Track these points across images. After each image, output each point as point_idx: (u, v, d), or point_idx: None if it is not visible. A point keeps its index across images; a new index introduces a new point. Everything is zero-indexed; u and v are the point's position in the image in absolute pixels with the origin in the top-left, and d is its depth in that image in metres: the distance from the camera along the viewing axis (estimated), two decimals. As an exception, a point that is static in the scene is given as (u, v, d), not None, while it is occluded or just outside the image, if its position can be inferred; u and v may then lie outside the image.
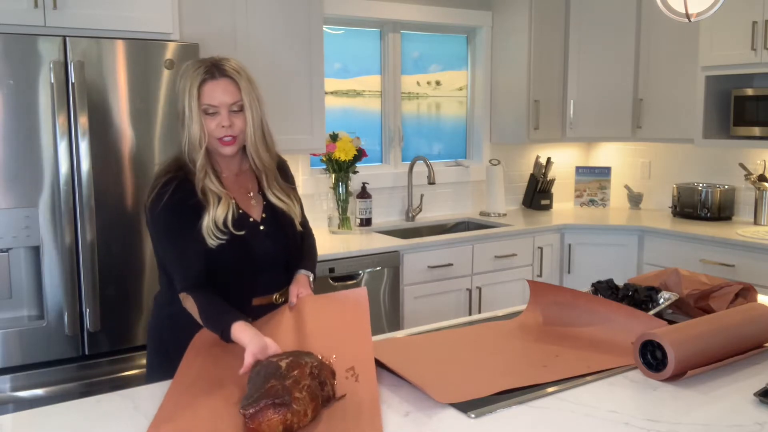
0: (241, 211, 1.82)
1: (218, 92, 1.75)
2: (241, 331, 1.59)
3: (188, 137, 1.76)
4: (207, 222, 1.74)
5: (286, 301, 1.87)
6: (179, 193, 1.75)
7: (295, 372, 1.35)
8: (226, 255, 1.76)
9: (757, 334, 1.73)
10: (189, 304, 1.73)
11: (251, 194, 1.88)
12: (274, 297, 1.86)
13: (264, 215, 1.87)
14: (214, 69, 1.76)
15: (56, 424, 1.38)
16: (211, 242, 1.74)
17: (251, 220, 1.84)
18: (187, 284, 1.74)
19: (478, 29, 4.40)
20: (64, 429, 1.36)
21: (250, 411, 1.25)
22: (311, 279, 1.93)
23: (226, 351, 1.62)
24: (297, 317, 1.78)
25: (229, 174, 1.87)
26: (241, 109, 1.78)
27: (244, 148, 1.86)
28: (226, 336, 1.61)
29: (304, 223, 2.02)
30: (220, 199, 1.77)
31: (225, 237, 1.75)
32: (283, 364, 1.38)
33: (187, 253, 1.74)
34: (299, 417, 1.28)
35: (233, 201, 1.81)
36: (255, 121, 1.81)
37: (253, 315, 1.78)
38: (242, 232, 1.78)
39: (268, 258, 1.85)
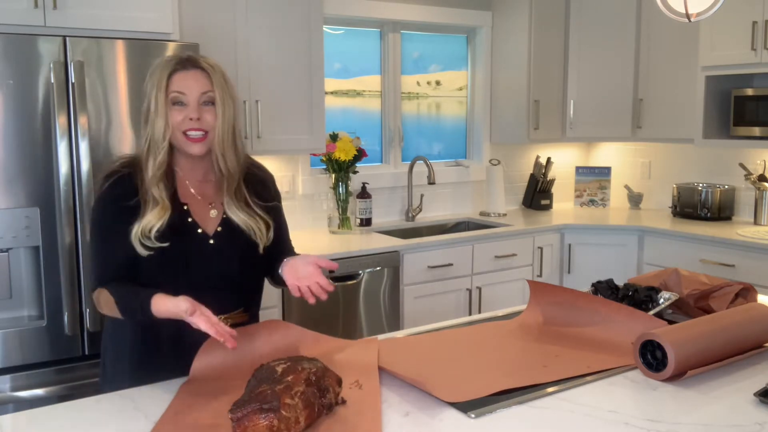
0: (190, 220, 1.68)
1: (189, 80, 1.63)
2: (161, 301, 1.51)
3: (151, 133, 1.63)
4: (136, 228, 1.61)
5: (233, 325, 1.66)
6: (119, 189, 1.64)
7: (290, 377, 1.32)
8: (160, 267, 1.63)
9: (757, 334, 1.73)
10: (104, 298, 1.62)
11: (212, 205, 1.72)
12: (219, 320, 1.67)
13: (219, 229, 1.71)
14: (186, 61, 1.66)
15: (56, 424, 1.38)
16: (140, 250, 1.61)
17: (199, 231, 1.69)
18: (102, 279, 1.63)
19: (478, 29, 4.40)
20: (64, 429, 1.36)
21: (237, 415, 1.24)
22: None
23: (235, 357, 1.61)
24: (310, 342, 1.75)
25: (192, 180, 1.72)
26: (212, 102, 1.64)
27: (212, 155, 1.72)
28: (146, 311, 1.52)
29: (284, 238, 1.86)
30: (156, 205, 1.62)
31: (155, 246, 1.61)
32: (279, 368, 1.36)
33: (109, 250, 1.64)
34: (288, 423, 1.25)
35: (185, 209, 1.68)
36: (226, 119, 1.66)
37: (195, 335, 1.61)
38: (166, 244, 1.62)
39: (213, 276, 1.69)
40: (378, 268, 3.35)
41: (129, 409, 1.44)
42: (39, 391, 2.44)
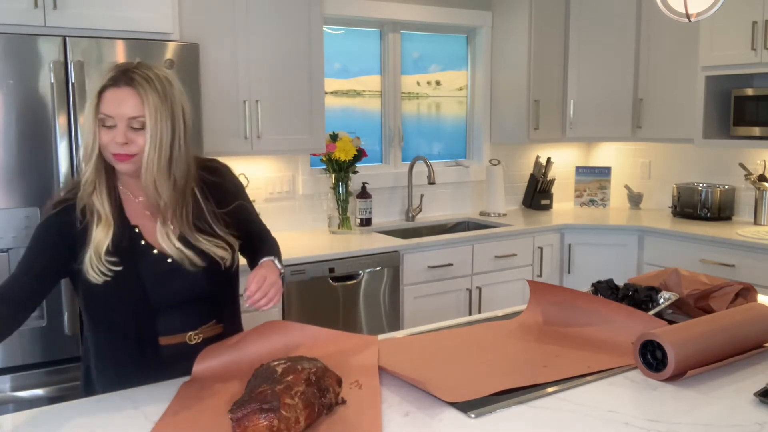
0: (143, 243, 1.59)
1: (116, 102, 1.50)
2: None
3: (83, 148, 1.54)
4: (89, 254, 1.52)
5: (203, 341, 1.62)
6: (65, 216, 1.56)
7: (290, 377, 1.32)
8: (116, 293, 1.55)
9: (757, 334, 1.73)
10: None
11: (166, 221, 1.60)
12: (188, 336, 1.63)
13: (177, 244, 1.60)
14: (120, 76, 1.51)
15: (56, 424, 1.38)
16: (95, 277, 1.52)
17: (155, 252, 1.59)
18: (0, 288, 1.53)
19: (478, 29, 4.40)
20: (63, 429, 1.36)
21: (237, 415, 1.24)
22: (278, 264, 1.67)
23: (235, 357, 1.61)
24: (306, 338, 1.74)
25: (145, 198, 1.60)
26: (143, 127, 1.51)
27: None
28: None
29: (257, 231, 1.78)
30: (100, 220, 1.54)
31: (109, 271, 1.52)
32: (279, 368, 1.36)
33: (23, 269, 1.55)
34: (288, 423, 1.25)
35: (137, 232, 1.59)
36: (157, 145, 1.51)
37: (164, 354, 1.59)
38: (119, 268, 1.53)
39: (177, 295, 1.61)
40: (378, 268, 3.35)
41: (129, 409, 1.44)
42: (39, 391, 2.44)
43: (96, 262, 1.52)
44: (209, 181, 1.68)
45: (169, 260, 1.61)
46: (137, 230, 1.60)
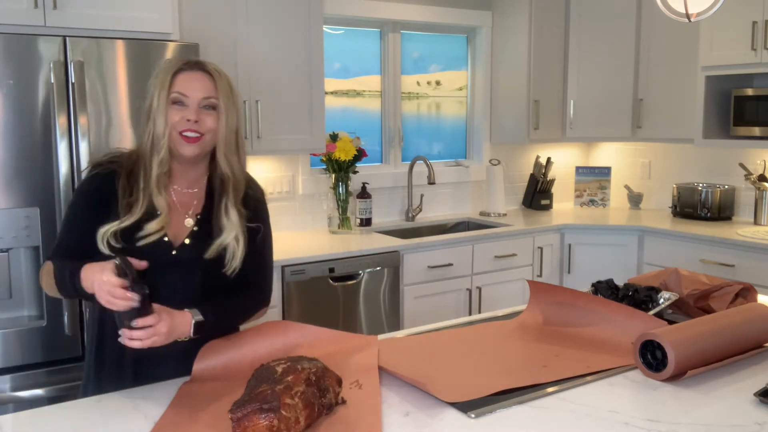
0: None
1: (192, 82, 1.59)
2: (89, 270, 1.45)
3: (152, 130, 1.58)
4: (114, 227, 1.56)
5: (189, 341, 1.57)
6: (97, 183, 1.61)
7: (290, 377, 1.32)
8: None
9: (757, 334, 1.73)
10: (46, 270, 1.57)
11: (189, 212, 1.67)
12: (181, 334, 1.58)
13: (187, 241, 1.64)
14: (193, 63, 1.62)
15: (56, 424, 1.38)
16: (103, 249, 1.56)
17: (165, 240, 1.62)
18: (54, 255, 1.60)
19: (478, 29, 4.40)
20: (64, 429, 1.36)
21: (237, 415, 1.24)
22: (195, 324, 1.53)
23: (235, 357, 1.61)
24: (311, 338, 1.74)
25: (180, 187, 1.68)
26: (215, 109, 1.60)
27: (206, 164, 1.69)
28: (75, 281, 1.46)
29: (252, 267, 1.71)
30: (155, 215, 1.59)
31: (118, 247, 1.55)
32: (279, 368, 1.36)
33: (70, 232, 1.61)
34: (288, 423, 1.25)
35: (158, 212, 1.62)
36: (229, 126, 1.62)
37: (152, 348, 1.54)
38: (123, 245, 1.56)
39: (173, 288, 1.60)
40: (378, 268, 3.35)
41: (129, 409, 1.44)
42: (39, 391, 2.44)
43: (110, 236, 1.56)
44: (251, 193, 1.74)
45: (174, 252, 1.62)
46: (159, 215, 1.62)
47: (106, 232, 1.56)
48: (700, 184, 4.12)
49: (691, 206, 4.09)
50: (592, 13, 4.24)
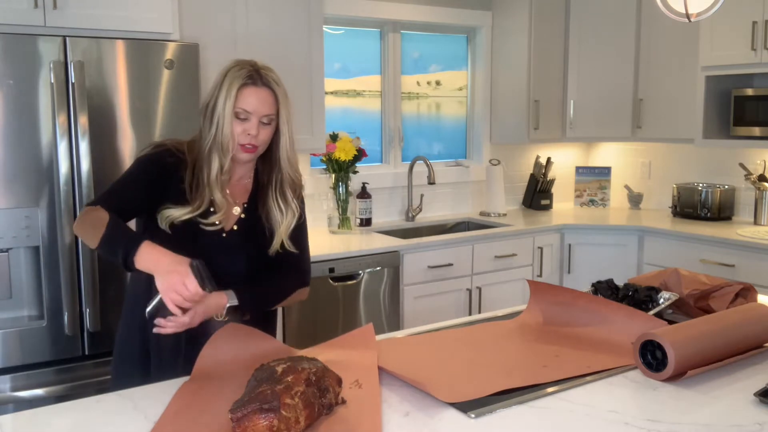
0: (212, 210, 1.77)
1: (256, 100, 1.72)
2: (153, 249, 1.57)
3: (217, 136, 1.72)
4: (179, 212, 1.71)
5: (229, 320, 1.70)
6: (168, 159, 1.75)
7: (290, 377, 1.32)
8: (171, 243, 1.64)
9: (757, 334, 1.73)
10: (95, 215, 1.63)
11: (237, 201, 1.83)
12: (215, 314, 1.71)
13: (235, 227, 1.81)
14: (257, 75, 1.74)
15: (56, 424, 1.38)
16: (163, 225, 1.71)
17: (217, 223, 1.77)
18: (105, 203, 1.68)
19: (478, 29, 4.40)
20: (64, 429, 1.36)
21: (237, 415, 1.24)
22: (228, 306, 1.70)
23: (235, 357, 1.61)
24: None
25: (231, 180, 1.84)
26: (270, 122, 1.76)
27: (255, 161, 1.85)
28: (130, 250, 1.56)
29: (290, 250, 1.87)
30: (216, 209, 1.74)
31: (177, 225, 1.71)
32: (279, 368, 1.36)
33: (127, 190, 1.73)
34: (288, 423, 1.25)
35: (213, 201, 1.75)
36: (290, 134, 1.80)
37: (196, 329, 1.66)
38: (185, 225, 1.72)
39: (219, 271, 1.67)
40: (378, 268, 3.35)
41: (129, 409, 1.44)
42: (39, 391, 2.44)
43: (176, 221, 1.71)
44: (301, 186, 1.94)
45: (224, 235, 1.78)
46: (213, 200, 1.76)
47: (170, 215, 1.71)
48: (700, 184, 4.12)
49: (691, 206, 4.09)
50: (592, 13, 4.24)
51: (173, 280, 1.52)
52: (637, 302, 2.00)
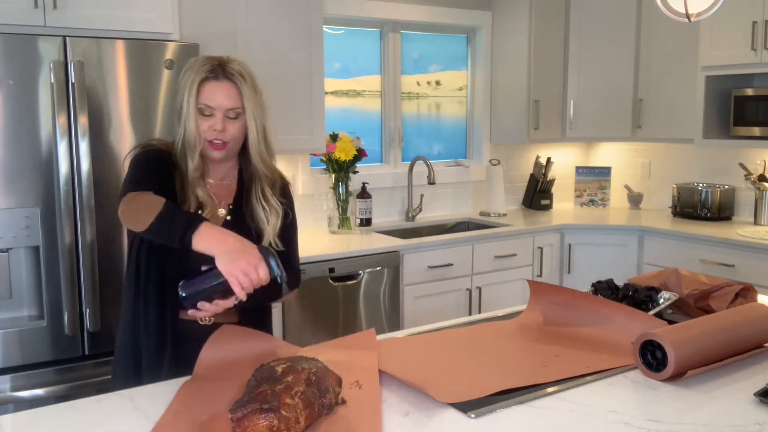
0: (200, 212, 1.73)
1: (218, 94, 1.69)
2: (216, 230, 1.55)
3: (185, 135, 1.70)
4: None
5: (214, 325, 1.69)
6: (157, 156, 1.72)
7: (290, 377, 1.32)
8: (158, 249, 1.65)
9: (757, 334, 1.73)
10: (145, 197, 1.60)
11: (221, 203, 1.80)
12: (200, 317, 1.69)
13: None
14: (219, 69, 1.70)
15: (56, 424, 1.38)
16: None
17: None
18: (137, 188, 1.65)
19: (478, 29, 4.40)
20: (64, 429, 1.36)
21: (237, 415, 1.24)
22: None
23: (235, 357, 1.61)
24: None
25: (214, 181, 1.81)
26: (238, 117, 1.72)
27: (236, 158, 1.81)
28: (188, 229, 1.52)
29: (286, 256, 1.80)
30: (202, 207, 1.71)
31: None
32: (279, 369, 1.36)
33: (151, 179, 1.68)
34: (288, 423, 1.25)
35: (200, 203, 1.73)
36: (258, 128, 1.75)
37: (179, 327, 1.68)
38: None
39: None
40: (378, 268, 3.35)
41: (129, 409, 1.44)
42: (39, 391, 2.44)
43: None
44: (282, 182, 1.89)
45: None
46: (200, 201, 1.74)
47: None
48: (700, 184, 4.12)
49: (691, 206, 4.09)
50: (592, 13, 4.24)
51: (243, 264, 1.48)
52: (637, 302, 2.00)
